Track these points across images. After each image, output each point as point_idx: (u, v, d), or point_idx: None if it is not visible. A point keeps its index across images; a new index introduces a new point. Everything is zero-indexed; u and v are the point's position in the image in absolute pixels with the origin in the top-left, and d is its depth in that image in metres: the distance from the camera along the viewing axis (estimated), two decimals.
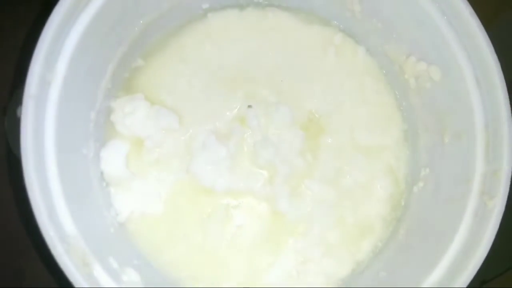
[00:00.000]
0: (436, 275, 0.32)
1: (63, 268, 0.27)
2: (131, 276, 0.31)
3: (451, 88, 0.36)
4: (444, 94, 0.37)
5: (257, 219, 0.39)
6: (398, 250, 0.38)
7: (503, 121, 0.33)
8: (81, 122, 0.34)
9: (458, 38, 0.35)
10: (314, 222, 0.39)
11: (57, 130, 0.30)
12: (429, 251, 0.34)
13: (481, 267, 0.48)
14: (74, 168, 0.32)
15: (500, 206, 0.31)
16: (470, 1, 0.35)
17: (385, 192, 0.41)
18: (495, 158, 0.33)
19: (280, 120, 0.40)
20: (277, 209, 0.39)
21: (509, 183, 0.32)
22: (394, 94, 0.42)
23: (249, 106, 0.40)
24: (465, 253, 0.32)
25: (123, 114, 0.38)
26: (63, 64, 0.31)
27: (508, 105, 0.33)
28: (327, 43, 0.43)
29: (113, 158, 0.37)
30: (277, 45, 0.42)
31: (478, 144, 0.34)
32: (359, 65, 0.43)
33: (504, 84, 0.33)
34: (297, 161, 0.40)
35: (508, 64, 0.36)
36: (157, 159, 0.39)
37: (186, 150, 0.39)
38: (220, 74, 0.41)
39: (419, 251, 0.36)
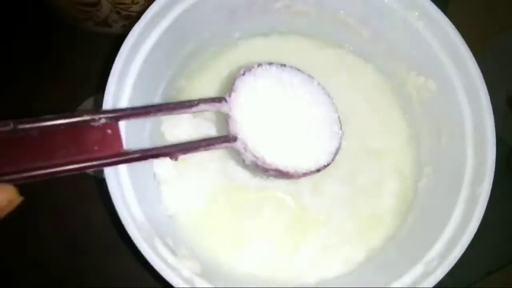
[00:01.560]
0: (436, 250, 0.37)
1: (135, 242, 0.33)
2: (184, 252, 0.38)
3: (445, 98, 0.42)
4: (440, 103, 0.42)
5: (284, 212, 0.43)
6: (406, 236, 0.42)
7: (487, 124, 0.39)
8: (140, 131, 0.41)
9: (448, 55, 0.41)
10: (333, 214, 0.43)
11: (125, 139, 0.37)
12: (432, 232, 0.38)
13: (486, 258, 0.53)
14: (137, 170, 0.38)
15: (486, 191, 0.37)
16: (461, 25, 0.40)
17: (394, 188, 0.45)
18: (481, 153, 0.38)
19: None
20: (301, 203, 0.43)
21: (493, 174, 0.37)
22: (399, 104, 0.47)
23: None
24: (460, 229, 0.36)
25: (171, 125, 0.44)
26: (129, 86, 0.37)
27: (491, 111, 0.39)
28: (339, 63, 0.48)
29: (162, 162, 0.43)
30: (296, 66, 0.47)
31: (468, 142, 0.39)
32: (368, 81, 0.48)
33: (487, 93, 0.39)
34: None
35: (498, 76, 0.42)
36: (199, 162, 0.43)
37: (223, 154, 0.44)
38: None
39: (423, 234, 0.40)
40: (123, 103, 0.37)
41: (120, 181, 0.36)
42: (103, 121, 0.29)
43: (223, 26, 0.46)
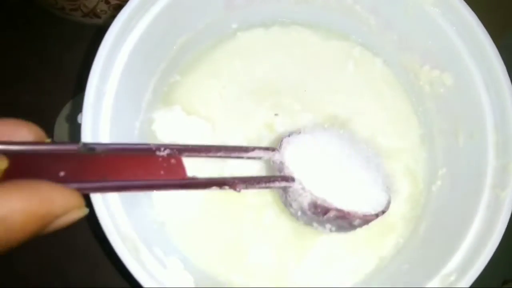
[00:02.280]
0: (454, 262, 0.34)
1: (118, 252, 0.30)
2: (175, 263, 0.34)
3: (463, 93, 0.39)
4: (456, 98, 0.40)
5: (286, 219, 0.40)
6: (419, 245, 0.40)
7: (510, 121, 0.36)
8: (128, 130, 0.38)
9: (467, 46, 0.38)
10: None
11: (110, 136, 0.34)
12: (448, 243, 0.36)
13: (501, 267, 0.50)
14: None
15: (511, 196, 0.34)
16: (481, 16, 0.37)
17: (405, 192, 0.43)
18: (504, 153, 0.35)
19: (304, 126, 0.42)
20: None
21: None
22: (411, 100, 0.44)
23: (276, 114, 0.43)
24: (481, 241, 0.34)
25: (163, 123, 0.41)
26: (115, 79, 0.34)
27: None
28: (346, 56, 0.45)
29: None
30: (300, 59, 0.45)
31: (489, 142, 0.36)
32: (376, 75, 0.45)
33: (511, 86, 0.36)
34: None
35: None
36: (193, 165, 0.38)
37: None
38: (248, 87, 0.44)
39: (438, 244, 0.37)
40: (108, 99, 0.34)
41: None
42: (167, 151, 0.31)
43: (219, 16, 0.43)
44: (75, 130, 0.32)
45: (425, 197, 0.42)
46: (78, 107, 0.32)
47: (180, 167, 0.31)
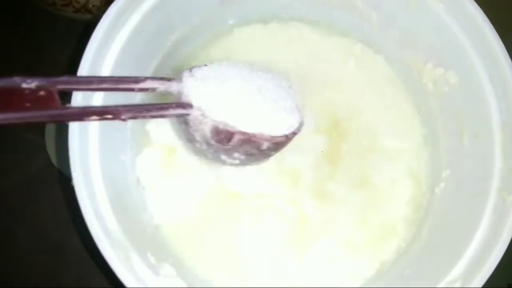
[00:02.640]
0: (459, 269, 0.33)
1: (107, 259, 0.29)
2: (168, 270, 0.33)
3: (468, 91, 0.38)
4: (461, 97, 0.39)
5: (284, 221, 0.40)
6: (421, 249, 0.39)
7: None
8: (120, 130, 0.37)
9: (472, 43, 0.36)
10: (339, 224, 0.40)
11: (99, 136, 0.33)
12: (452, 248, 0.35)
13: (507, 270, 0.49)
14: (115, 172, 0.35)
15: None
16: (487, 10, 0.36)
17: (407, 194, 0.41)
18: None
19: (304, 126, 0.41)
20: (303, 211, 0.40)
21: None
22: (413, 99, 0.43)
23: None
24: (486, 246, 0.33)
25: (157, 123, 0.40)
26: None
27: None
28: (347, 53, 0.44)
29: (148, 165, 0.39)
30: (299, 57, 0.44)
31: (496, 143, 0.35)
32: (378, 73, 0.44)
33: None
34: (322, 165, 0.41)
35: None
36: (189, 166, 0.40)
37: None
38: None
39: (442, 248, 0.36)
40: (97, 98, 0.33)
41: (91, 186, 0.32)
42: (36, 83, 0.26)
43: (215, 10, 0.42)
44: (64, 128, 0.31)
45: (428, 199, 0.41)
46: None
47: (52, 99, 0.27)
